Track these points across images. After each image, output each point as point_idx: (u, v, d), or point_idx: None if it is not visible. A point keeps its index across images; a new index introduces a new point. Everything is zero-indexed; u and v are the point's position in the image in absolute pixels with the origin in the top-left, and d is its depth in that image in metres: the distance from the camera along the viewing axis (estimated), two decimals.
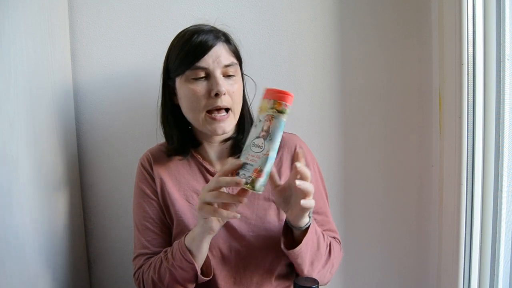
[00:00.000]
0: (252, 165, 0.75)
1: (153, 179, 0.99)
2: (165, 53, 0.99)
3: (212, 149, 1.01)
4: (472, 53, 1.00)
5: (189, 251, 0.86)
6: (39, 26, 1.05)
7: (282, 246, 0.88)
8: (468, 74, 1.00)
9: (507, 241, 1.00)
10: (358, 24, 1.23)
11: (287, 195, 0.83)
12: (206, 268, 0.90)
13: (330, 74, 1.24)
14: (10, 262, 0.90)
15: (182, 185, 0.98)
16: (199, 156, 1.00)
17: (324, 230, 0.96)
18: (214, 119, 0.91)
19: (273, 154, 0.76)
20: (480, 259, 1.03)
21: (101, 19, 1.22)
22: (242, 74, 0.99)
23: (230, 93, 0.91)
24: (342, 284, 1.30)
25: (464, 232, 1.02)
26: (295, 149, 1.00)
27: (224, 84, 0.90)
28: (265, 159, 0.75)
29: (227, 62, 0.91)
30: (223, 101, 0.90)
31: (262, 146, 0.76)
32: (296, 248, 0.85)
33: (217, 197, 0.77)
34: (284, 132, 1.02)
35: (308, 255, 0.88)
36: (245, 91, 1.01)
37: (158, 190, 0.98)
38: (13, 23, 0.93)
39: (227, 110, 0.92)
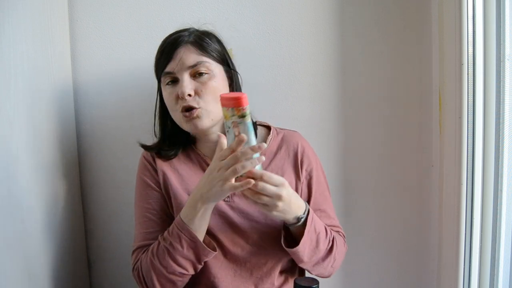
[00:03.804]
0: None
1: (156, 171, 1.00)
2: None
3: (207, 145, 1.01)
4: (472, 53, 0.99)
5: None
6: (39, 26, 1.05)
7: (282, 241, 0.91)
8: (468, 74, 1.00)
9: (507, 241, 1.00)
10: (358, 24, 1.22)
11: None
12: (208, 244, 0.89)
13: (330, 74, 1.24)
14: (10, 262, 0.90)
15: (184, 179, 0.99)
16: (200, 151, 1.02)
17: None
18: (186, 117, 0.93)
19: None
20: (480, 259, 1.03)
21: (101, 19, 1.22)
22: (231, 71, 0.99)
23: (198, 92, 0.93)
24: (342, 283, 1.30)
25: (464, 232, 1.02)
26: (297, 147, 1.01)
27: (188, 85, 0.92)
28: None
29: (191, 63, 0.92)
30: (189, 102, 0.92)
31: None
32: (294, 248, 0.89)
33: (234, 158, 0.78)
34: (285, 129, 1.04)
35: (306, 253, 0.91)
36: (237, 86, 1.01)
37: (161, 182, 0.99)
38: (13, 23, 0.93)
39: (195, 108, 0.93)
